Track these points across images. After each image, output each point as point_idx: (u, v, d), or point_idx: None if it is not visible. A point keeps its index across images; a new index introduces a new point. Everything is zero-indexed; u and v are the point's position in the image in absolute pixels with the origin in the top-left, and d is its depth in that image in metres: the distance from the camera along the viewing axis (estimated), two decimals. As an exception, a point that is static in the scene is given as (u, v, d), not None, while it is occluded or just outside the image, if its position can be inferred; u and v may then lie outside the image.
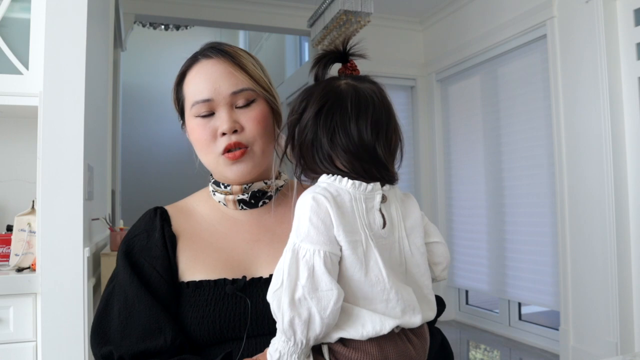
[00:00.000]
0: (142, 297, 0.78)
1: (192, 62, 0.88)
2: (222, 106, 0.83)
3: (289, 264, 0.66)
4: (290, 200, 0.91)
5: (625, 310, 2.66)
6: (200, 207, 0.91)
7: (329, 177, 0.73)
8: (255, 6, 4.05)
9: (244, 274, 0.82)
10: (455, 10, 4.03)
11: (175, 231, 0.86)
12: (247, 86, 0.84)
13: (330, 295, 0.65)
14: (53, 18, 1.50)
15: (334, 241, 0.67)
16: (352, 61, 0.78)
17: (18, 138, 1.86)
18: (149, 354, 0.75)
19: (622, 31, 2.73)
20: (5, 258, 1.60)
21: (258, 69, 0.88)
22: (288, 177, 0.95)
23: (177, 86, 0.90)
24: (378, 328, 0.68)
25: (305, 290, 0.65)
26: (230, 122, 0.82)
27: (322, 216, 0.67)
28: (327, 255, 0.66)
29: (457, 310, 4.22)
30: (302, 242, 0.67)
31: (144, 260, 0.82)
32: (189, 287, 0.80)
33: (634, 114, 2.68)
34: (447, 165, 4.28)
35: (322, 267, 0.66)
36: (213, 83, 0.83)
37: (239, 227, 0.88)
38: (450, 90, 4.25)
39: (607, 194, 2.70)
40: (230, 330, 0.77)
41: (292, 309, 0.65)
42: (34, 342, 1.41)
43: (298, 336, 0.66)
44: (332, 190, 0.70)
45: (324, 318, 0.65)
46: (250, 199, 0.88)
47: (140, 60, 6.09)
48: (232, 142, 0.83)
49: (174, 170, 5.61)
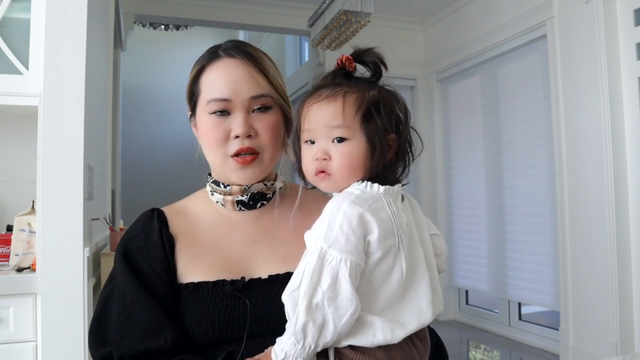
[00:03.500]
0: (142, 298, 0.78)
1: (213, 58, 0.86)
2: (239, 108, 0.83)
3: (312, 268, 0.66)
4: (289, 202, 0.92)
5: (625, 310, 2.66)
6: (197, 208, 0.91)
7: (360, 183, 0.73)
8: (255, 6, 4.05)
9: (243, 275, 0.82)
10: (455, 10, 4.03)
11: (173, 233, 0.86)
12: (266, 92, 0.84)
13: (349, 306, 0.65)
14: (53, 18, 1.50)
15: (361, 252, 0.67)
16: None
17: (18, 138, 1.86)
18: (149, 355, 0.75)
19: (622, 31, 2.73)
20: (5, 258, 1.60)
21: (277, 76, 0.87)
22: (286, 179, 0.95)
23: (194, 79, 0.88)
24: (389, 337, 0.68)
25: (324, 297, 0.65)
26: (245, 126, 0.82)
27: (354, 225, 0.67)
28: (353, 266, 0.66)
29: (457, 310, 4.22)
30: (330, 247, 0.66)
31: (143, 261, 0.82)
32: (188, 288, 0.80)
33: (634, 114, 2.68)
34: (447, 165, 4.28)
35: (347, 277, 0.65)
36: (234, 84, 0.83)
37: (237, 228, 0.88)
38: (450, 90, 4.25)
39: (607, 194, 2.70)
40: (229, 331, 0.77)
41: (308, 313, 0.65)
42: (34, 342, 1.41)
43: (308, 340, 0.65)
44: (367, 197, 0.70)
45: (338, 327, 0.65)
46: (248, 200, 0.88)
47: (140, 60, 6.09)
48: (245, 146, 0.82)
49: (174, 170, 5.60)
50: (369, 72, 0.77)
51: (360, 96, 0.73)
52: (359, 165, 0.72)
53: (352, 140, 0.72)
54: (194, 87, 0.88)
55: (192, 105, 0.89)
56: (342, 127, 0.72)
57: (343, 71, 0.76)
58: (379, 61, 0.76)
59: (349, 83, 0.75)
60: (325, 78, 0.77)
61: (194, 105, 0.88)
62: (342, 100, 0.73)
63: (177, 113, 5.97)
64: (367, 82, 0.76)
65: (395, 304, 0.71)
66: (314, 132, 0.74)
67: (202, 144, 0.88)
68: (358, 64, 0.77)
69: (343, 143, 0.72)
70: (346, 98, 0.73)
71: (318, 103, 0.74)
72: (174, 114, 6.04)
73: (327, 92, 0.74)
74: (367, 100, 0.73)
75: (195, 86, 0.88)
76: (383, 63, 0.77)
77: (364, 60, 0.77)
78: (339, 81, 0.75)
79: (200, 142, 0.89)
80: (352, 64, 0.77)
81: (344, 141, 0.72)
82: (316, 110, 0.74)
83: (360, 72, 0.78)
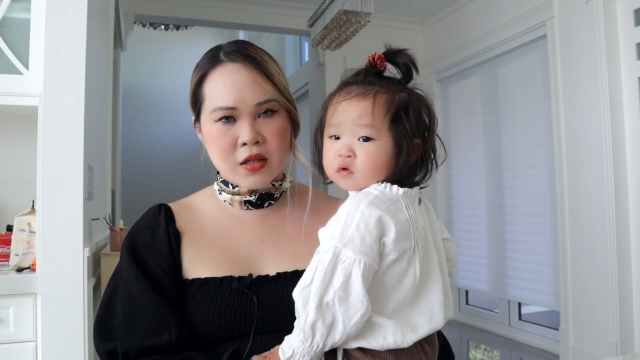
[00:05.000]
0: (147, 293, 0.78)
1: (215, 63, 0.84)
2: (245, 115, 0.81)
3: (326, 266, 0.66)
4: (297, 202, 0.91)
5: (625, 310, 2.66)
6: (204, 204, 0.91)
7: (379, 184, 0.72)
8: (255, 6, 4.05)
9: (250, 271, 0.82)
10: (455, 10, 4.03)
11: (180, 228, 0.86)
12: (272, 97, 0.82)
13: (359, 307, 0.65)
14: (53, 18, 1.50)
15: (375, 254, 0.67)
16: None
17: (18, 138, 1.86)
18: (153, 350, 0.75)
19: (622, 31, 2.73)
20: (5, 258, 1.60)
21: (282, 77, 0.86)
22: (294, 179, 0.94)
23: (196, 85, 0.86)
24: (399, 341, 0.68)
25: (336, 296, 0.65)
26: (253, 133, 0.81)
27: (370, 227, 0.66)
28: (366, 267, 0.66)
29: (457, 310, 4.22)
30: (345, 247, 0.66)
31: (148, 256, 0.82)
32: (194, 284, 0.80)
33: (634, 114, 2.68)
34: (447, 165, 4.28)
35: (360, 277, 0.65)
36: (238, 92, 0.81)
37: (244, 226, 0.88)
38: (450, 90, 4.25)
39: (607, 194, 2.70)
40: (235, 328, 0.77)
41: (319, 311, 0.65)
42: (34, 342, 1.41)
43: (316, 339, 0.65)
44: (386, 199, 0.70)
45: (347, 327, 0.65)
46: (256, 200, 0.88)
47: (140, 60, 6.09)
48: (254, 153, 0.82)
49: (174, 170, 5.61)
50: (399, 73, 0.77)
51: (391, 97, 0.73)
52: (383, 167, 0.72)
53: (378, 140, 0.72)
54: (197, 94, 0.86)
55: (197, 112, 0.88)
56: (370, 126, 0.72)
57: (375, 70, 0.76)
58: (410, 63, 0.76)
59: (380, 83, 0.74)
60: (357, 75, 0.76)
61: (198, 111, 0.87)
62: (372, 100, 0.72)
63: (177, 113, 5.96)
64: (398, 83, 0.76)
65: (407, 307, 0.70)
66: (341, 128, 0.73)
67: (210, 152, 0.87)
68: (389, 63, 0.77)
69: (369, 142, 0.72)
70: (377, 98, 0.72)
71: (348, 100, 0.73)
72: (174, 114, 6.04)
73: (358, 90, 0.73)
74: (397, 102, 0.73)
75: (198, 93, 0.86)
76: (415, 65, 0.77)
77: (395, 60, 0.77)
78: (370, 80, 0.75)
79: (206, 147, 0.88)
80: (383, 63, 0.76)
81: (370, 141, 0.72)
82: (345, 106, 0.73)
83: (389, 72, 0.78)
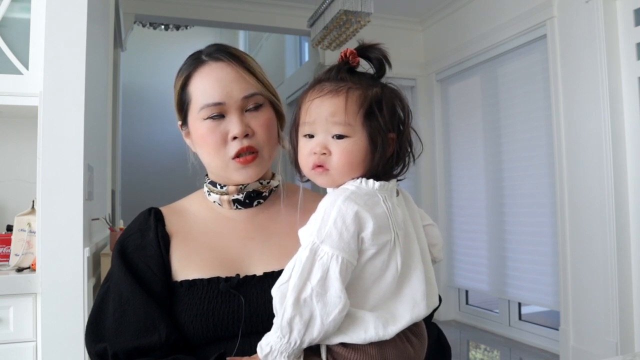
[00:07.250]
0: (137, 295, 0.79)
1: (198, 64, 0.86)
2: (233, 110, 0.83)
3: (304, 262, 0.66)
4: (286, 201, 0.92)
5: (625, 310, 2.66)
6: (194, 207, 0.92)
7: (355, 180, 0.72)
8: (255, 6, 4.05)
9: (238, 272, 0.82)
10: (455, 10, 4.03)
11: (169, 231, 0.87)
12: (257, 90, 0.85)
13: (337, 303, 0.65)
14: (53, 18, 1.50)
15: (354, 249, 0.67)
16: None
17: (18, 138, 1.86)
18: (143, 351, 0.75)
19: (622, 31, 2.73)
20: (5, 258, 1.60)
21: (263, 73, 0.88)
22: (283, 178, 0.95)
23: (181, 88, 0.88)
24: (381, 333, 0.67)
25: (313, 292, 0.65)
26: (242, 126, 0.82)
27: (348, 222, 0.66)
28: (344, 262, 0.66)
29: (457, 310, 4.22)
30: (322, 243, 0.66)
31: (138, 259, 0.83)
32: (183, 286, 0.80)
33: (634, 114, 2.68)
34: (447, 165, 4.28)
35: (337, 273, 0.65)
36: (224, 87, 0.83)
37: (233, 226, 0.88)
38: (450, 90, 4.25)
39: (607, 194, 2.70)
40: (224, 329, 0.77)
41: (296, 307, 0.65)
42: (33, 342, 1.41)
43: (294, 335, 0.65)
44: (363, 193, 0.70)
45: (325, 323, 0.65)
46: (244, 199, 0.88)
47: (140, 60, 6.09)
48: (245, 146, 0.83)
49: (174, 170, 5.60)
50: (372, 68, 0.77)
51: (364, 93, 0.73)
52: (359, 163, 0.72)
53: (352, 137, 0.72)
54: (182, 96, 0.88)
55: (183, 115, 0.89)
56: (344, 124, 0.71)
57: (347, 66, 0.75)
58: (383, 58, 0.76)
59: (352, 79, 0.74)
60: (329, 72, 0.76)
61: (185, 114, 0.89)
62: (345, 96, 0.72)
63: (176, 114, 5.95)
64: (371, 78, 0.76)
65: (389, 299, 0.70)
66: (314, 126, 0.73)
67: (198, 151, 0.89)
68: (362, 59, 0.76)
69: (343, 140, 0.72)
70: (349, 94, 0.72)
71: (320, 97, 0.73)
72: (174, 114, 6.00)
73: (331, 87, 0.73)
74: (369, 98, 0.72)
75: (184, 95, 0.88)
76: (387, 60, 0.76)
77: (368, 55, 0.76)
78: (342, 76, 0.74)
79: (195, 150, 0.90)
80: (356, 59, 0.76)
81: (344, 138, 0.72)
82: (318, 104, 0.73)
83: (363, 67, 0.78)
